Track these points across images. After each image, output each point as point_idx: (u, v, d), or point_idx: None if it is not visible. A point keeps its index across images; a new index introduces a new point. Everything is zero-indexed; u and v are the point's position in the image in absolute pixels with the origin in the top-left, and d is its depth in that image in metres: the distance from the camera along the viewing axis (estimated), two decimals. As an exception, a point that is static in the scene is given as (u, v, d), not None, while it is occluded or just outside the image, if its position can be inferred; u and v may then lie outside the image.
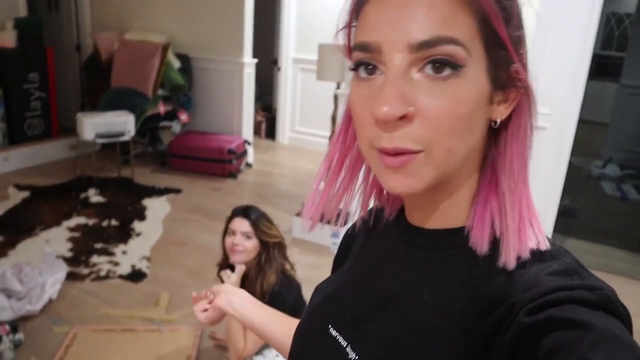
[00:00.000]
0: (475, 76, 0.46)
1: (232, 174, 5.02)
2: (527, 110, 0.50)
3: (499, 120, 0.50)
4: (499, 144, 0.51)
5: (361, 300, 0.59)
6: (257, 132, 6.42)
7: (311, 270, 3.13)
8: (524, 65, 0.49)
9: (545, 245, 0.49)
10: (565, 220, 3.77)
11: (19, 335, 2.50)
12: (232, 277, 2.03)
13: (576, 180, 4.11)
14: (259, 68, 5.49)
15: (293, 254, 2.90)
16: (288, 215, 3.89)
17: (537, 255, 0.49)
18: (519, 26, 0.48)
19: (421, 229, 0.57)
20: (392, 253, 0.60)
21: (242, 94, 5.23)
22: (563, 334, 0.40)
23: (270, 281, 2.04)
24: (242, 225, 2.06)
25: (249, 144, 5.38)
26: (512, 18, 0.46)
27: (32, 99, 5.16)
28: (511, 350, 0.43)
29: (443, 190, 0.53)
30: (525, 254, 0.48)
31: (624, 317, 0.44)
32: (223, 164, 4.97)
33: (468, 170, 0.52)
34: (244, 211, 2.11)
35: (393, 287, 0.57)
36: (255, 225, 2.06)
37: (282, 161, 5.85)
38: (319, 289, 0.70)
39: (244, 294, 0.95)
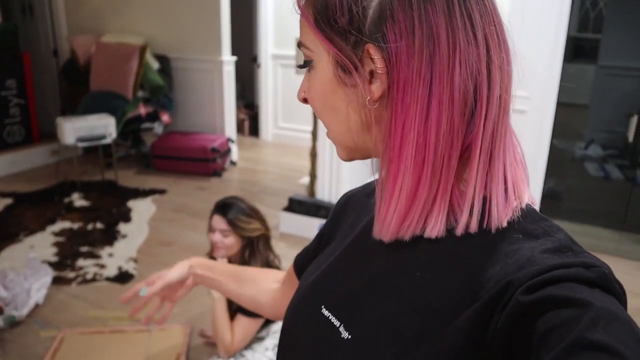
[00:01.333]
0: (321, 66, 0.55)
1: (217, 173, 5.01)
2: (397, 77, 0.49)
3: (368, 98, 0.52)
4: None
5: (353, 280, 0.60)
6: (240, 130, 6.40)
7: (298, 263, 3.12)
8: (387, 49, 0.49)
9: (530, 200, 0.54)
10: (551, 202, 3.81)
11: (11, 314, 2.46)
12: None
13: (560, 162, 4.15)
14: (239, 65, 5.47)
15: (280, 248, 2.90)
16: (275, 210, 3.89)
17: (530, 231, 0.50)
18: (344, 13, 0.51)
19: None
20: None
21: (223, 92, 5.22)
22: (561, 313, 0.41)
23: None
24: (219, 223, 2.07)
25: (233, 141, 5.37)
26: (328, 9, 0.52)
27: (10, 105, 5.10)
28: (509, 328, 0.44)
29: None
30: (513, 216, 0.51)
31: (620, 295, 0.44)
32: (207, 162, 4.95)
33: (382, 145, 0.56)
34: (222, 208, 2.10)
35: (384, 266, 0.57)
36: (232, 223, 2.06)
37: (266, 158, 5.84)
38: (308, 270, 0.71)
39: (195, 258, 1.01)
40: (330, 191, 3.61)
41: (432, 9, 0.48)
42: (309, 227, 3.53)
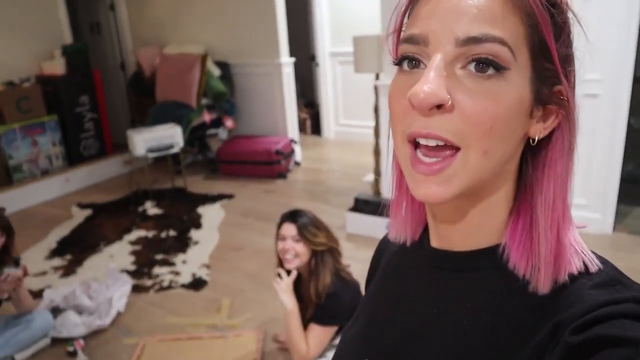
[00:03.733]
0: (518, 82, 0.44)
1: (282, 174, 5.05)
2: (569, 133, 0.48)
3: (536, 138, 0.47)
4: (536, 164, 0.49)
5: (395, 332, 0.57)
6: (302, 129, 6.43)
7: (367, 264, 3.09)
8: (570, 86, 0.47)
9: (594, 267, 0.47)
10: (630, 187, 3.55)
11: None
12: (283, 282, 2.06)
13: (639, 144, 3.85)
14: (298, 65, 5.49)
15: (347, 249, 2.87)
16: (341, 210, 3.86)
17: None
18: (568, 44, 0.46)
19: (449, 251, 0.54)
20: (420, 279, 0.58)
21: (284, 94, 5.25)
22: (612, 353, 0.39)
23: (325, 282, 2.02)
24: (290, 230, 2.06)
25: (296, 142, 5.40)
26: (562, 34, 0.45)
27: (84, 120, 5.37)
28: None
29: (474, 206, 0.51)
30: (563, 278, 0.46)
31: None
32: (272, 165, 5.00)
33: (500, 186, 0.50)
34: (291, 216, 2.10)
35: (427, 316, 0.54)
36: (301, 231, 2.05)
37: (330, 156, 5.83)
38: (347, 326, 0.69)
39: None
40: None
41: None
42: (376, 227, 3.48)
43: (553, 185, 0.47)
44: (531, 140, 0.48)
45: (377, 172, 3.70)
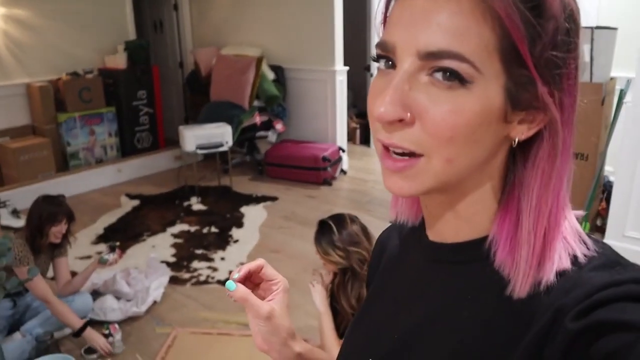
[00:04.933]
0: (484, 92, 0.43)
1: (327, 181, 5.03)
2: (555, 133, 0.46)
3: (517, 140, 0.47)
4: (525, 163, 0.48)
5: (399, 328, 0.56)
6: (351, 138, 6.40)
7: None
8: (561, 88, 0.45)
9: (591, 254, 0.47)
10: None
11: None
12: (318, 285, 2.02)
13: None
14: (351, 75, 5.48)
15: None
16: (383, 222, 3.80)
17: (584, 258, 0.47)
18: (553, 46, 0.43)
19: (445, 244, 0.54)
20: (420, 273, 0.57)
21: (335, 102, 5.24)
22: (614, 338, 0.38)
23: (361, 295, 1.97)
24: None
25: (343, 151, 5.37)
26: (541, 37, 0.42)
27: (140, 114, 5.54)
28: (562, 359, 0.41)
29: (458, 200, 0.51)
30: (548, 278, 0.45)
31: None
32: (318, 171, 4.99)
33: (484, 182, 0.50)
34: (318, 230, 2.02)
35: (429, 309, 0.54)
36: (316, 247, 2.00)
37: (376, 167, 5.77)
38: (351, 326, 0.69)
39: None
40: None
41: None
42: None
43: (539, 184, 0.46)
44: (513, 142, 0.47)
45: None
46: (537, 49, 0.42)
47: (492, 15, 0.41)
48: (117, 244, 2.93)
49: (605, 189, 3.77)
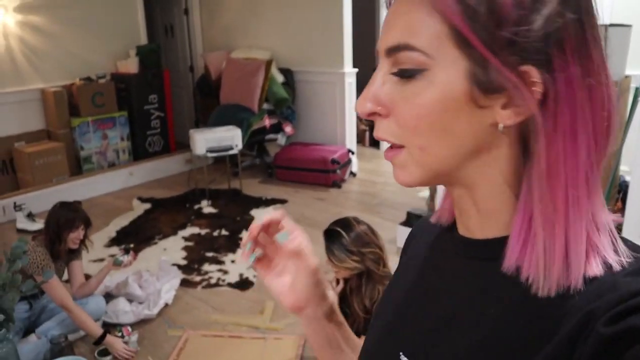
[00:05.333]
0: (443, 79, 0.45)
1: (336, 184, 5.06)
2: (563, 111, 0.44)
3: (501, 126, 0.46)
4: (528, 152, 0.47)
5: (428, 322, 0.56)
6: (360, 141, 6.42)
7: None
8: (550, 67, 0.43)
9: (618, 265, 0.44)
10: None
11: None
12: (331, 292, 2.02)
13: None
14: (360, 77, 5.49)
15: (397, 263, 2.83)
16: (393, 224, 3.82)
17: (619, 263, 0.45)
18: (514, 24, 0.42)
19: (473, 239, 0.53)
20: (449, 267, 0.57)
21: (344, 104, 5.27)
22: None
23: (375, 296, 1.99)
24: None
25: (353, 153, 5.39)
26: (490, 16, 0.42)
27: (152, 118, 5.61)
28: None
29: (472, 196, 0.51)
30: (576, 282, 0.44)
31: None
32: (327, 173, 5.02)
33: (490, 177, 0.49)
34: (327, 237, 2.03)
35: (457, 304, 0.53)
36: (329, 258, 2.01)
37: (386, 169, 5.77)
38: (380, 309, 0.68)
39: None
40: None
41: (597, 36, 0.45)
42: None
43: (544, 174, 0.45)
44: (499, 127, 0.46)
45: (433, 188, 3.64)
46: (485, 29, 0.42)
47: (435, 7, 0.44)
48: (132, 246, 3.00)
49: (621, 189, 3.75)
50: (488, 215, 0.51)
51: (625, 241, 0.47)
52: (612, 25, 3.39)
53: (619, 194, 3.74)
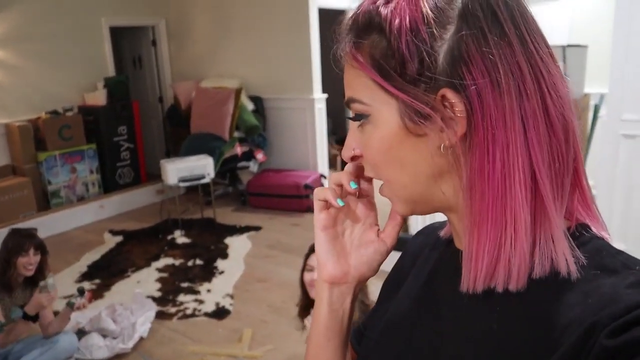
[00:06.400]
0: (381, 119, 0.51)
1: (310, 208, 5.06)
2: (475, 126, 0.47)
3: (442, 146, 0.49)
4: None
5: (431, 337, 0.57)
6: (333, 165, 6.46)
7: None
8: (467, 89, 0.46)
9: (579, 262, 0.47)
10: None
11: None
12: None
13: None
14: (330, 102, 5.57)
15: (376, 286, 2.83)
16: (367, 246, 3.83)
17: (608, 266, 0.47)
18: (408, 63, 0.47)
19: None
20: (450, 282, 0.57)
21: (315, 129, 5.32)
22: None
23: (354, 318, 1.98)
24: None
25: (325, 177, 5.42)
26: (393, 57, 0.48)
27: (121, 150, 5.55)
28: None
29: (454, 217, 0.55)
30: (541, 273, 0.47)
31: None
32: (300, 199, 5.03)
33: (455, 201, 0.52)
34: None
35: (459, 319, 0.54)
36: None
37: (359, 193, 5.82)
38: (375, 325, 0.67)
39: None
40: (424, 225, 3.50)
41: (508, 43, 0.46)
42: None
43: (479, 180, 0.47)
44: (444, 148, 0.49)
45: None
46: (389, 76, 0.49)
47: (359, 69, 0.52)
48: (88, 288, 2.84)
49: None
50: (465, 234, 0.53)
51: (620, 252, 0.49)
52: (569, 45, 3.54)
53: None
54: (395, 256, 0.72)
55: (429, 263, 0.64)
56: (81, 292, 2.72)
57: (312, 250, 2.11)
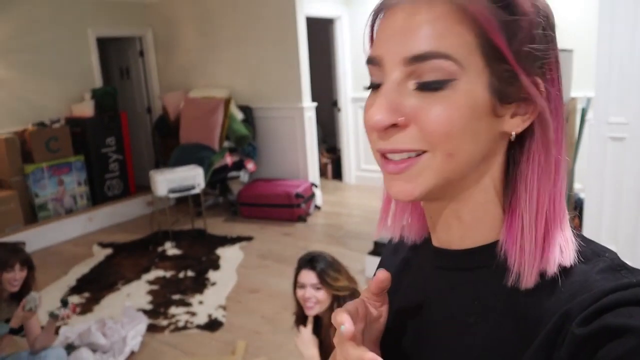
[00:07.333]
0: (469, 88, 0.46)
1: (302, 218, 5.04)
2: (545, 124, 0.48)
3: (514, 134, 0.49)
4: (523, 157, 0.50)
5: (408, 337, 0.57)
6: (323, 174, 6.45)
7: (387, 309, 3.01)
8: (545, 78, 0.48)
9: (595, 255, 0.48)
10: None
11: None
12: (304, 335, 1.97)
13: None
14: (320, 111, 5.57)
15: (366, 293, 2.81)
16: (360, 254, 3.81)
17: (579, 254, 0.48)
18: (530, 40, 0.46)
19: (450, 250, 0.55)
20: (428, 281, 0.58)
21: (305, 138, 5.30)
22: (620, 344, 0.38)
23: None
24: (309, 277, 1.98)
25: (316, 186, 5.41)
26: (518, 32, 0.45)
27: (110, 161, 5.49)
28: None
29: (461, 206, 0.52)
30: (550, 270, 0.46)
31: None
32: (291, 208, 5.00)
33: (485, 186, 0.51)
34: (310, 261, 2.00)
35: (438, 317, 0.54)
36: (321, 277, 1.98)
37: (350, 201, 5.81)
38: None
39: None
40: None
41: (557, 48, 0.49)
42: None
43: (537, 177, 0.48)
44: (511, 136, 0.49)
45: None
46: (515, 44, 0.45)
47: (468, 17, 0.45)
48: (77, 302, 2.78)
49: (577, 206, 3.88)
50: (471, 226, 0.53)
51: (592, 241, 0.51)
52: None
53: (575, 210, 3.86)
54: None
55: (398, 274, 0.63)
56: (64, 303, 2.64)
57: (300, 266, 2.06)
